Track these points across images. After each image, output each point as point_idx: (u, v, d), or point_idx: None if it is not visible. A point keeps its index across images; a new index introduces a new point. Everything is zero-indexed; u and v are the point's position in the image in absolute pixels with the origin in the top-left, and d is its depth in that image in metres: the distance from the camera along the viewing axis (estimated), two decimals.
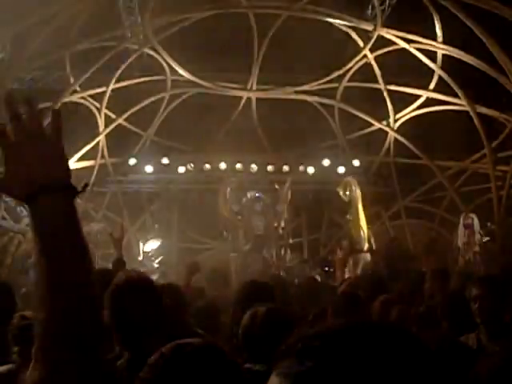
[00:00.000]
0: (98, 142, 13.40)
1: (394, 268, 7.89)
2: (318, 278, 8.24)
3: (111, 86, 12.89)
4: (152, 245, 12.29)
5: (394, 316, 3.55)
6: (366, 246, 10.53)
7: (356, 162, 13.77)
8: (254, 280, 3.43)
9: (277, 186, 12.51)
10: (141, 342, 2.22)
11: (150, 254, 12.13)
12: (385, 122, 14.04)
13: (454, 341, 2.58)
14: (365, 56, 13.22)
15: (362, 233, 10.63)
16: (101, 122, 13.33)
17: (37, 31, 10.71)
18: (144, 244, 12.32)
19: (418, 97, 13.45)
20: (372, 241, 11.05)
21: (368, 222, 11.05)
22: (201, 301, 4.06)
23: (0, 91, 11.34)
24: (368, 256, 10.17)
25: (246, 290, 3.12)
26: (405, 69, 12.54)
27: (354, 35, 13.03)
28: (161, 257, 12.28)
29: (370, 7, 12.27)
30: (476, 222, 11.20)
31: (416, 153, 13.62)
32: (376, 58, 13.14)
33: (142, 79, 13.48)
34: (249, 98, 14.12)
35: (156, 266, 11.95)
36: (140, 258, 12.03)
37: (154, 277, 11.49)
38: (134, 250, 12.34)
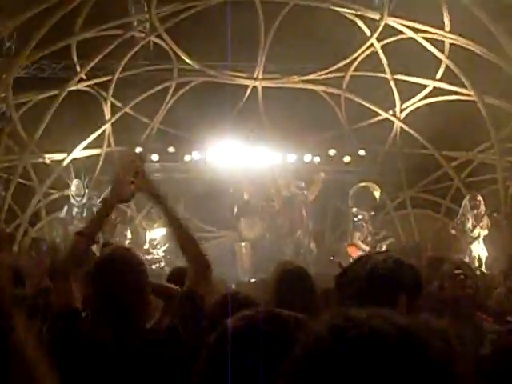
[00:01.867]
0: (104, 131, 13.44)
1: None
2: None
3: (117, 75, 12.90)
4: (158, 233, 12.32)
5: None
6: None
7: (362, 152, 13.73)
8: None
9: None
10: (124, 319, 2.20)
11: (155, 243, 12.19)
12: (391, 112, 13.95)
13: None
14: (372, 45, 13.13)
15: None
16: (107, 110, 13.35)
17: (43, 19, 10.71)
18: (150, 232, 12.37)
19: (425, 86, 13.35)
20: None
21: None
22: None
23: (7, 79, 11.39)
24: None
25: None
26: (412, 58, 12.45)
27: (361, 24, 12.95)
28: (166, 245, 12.32)
29: None
30: (483, 203, 10.67)
31: (422, 142, 13.56)
32: (383, 47, 13.04)
33: (149, 68, 13.47)
34: (255, 87, 14.08)
35: (162, 254, 12.02)
36: (146, 247, 12.10)
37: (161, 265, 11.62)
38: (140, 239, 12.41)
